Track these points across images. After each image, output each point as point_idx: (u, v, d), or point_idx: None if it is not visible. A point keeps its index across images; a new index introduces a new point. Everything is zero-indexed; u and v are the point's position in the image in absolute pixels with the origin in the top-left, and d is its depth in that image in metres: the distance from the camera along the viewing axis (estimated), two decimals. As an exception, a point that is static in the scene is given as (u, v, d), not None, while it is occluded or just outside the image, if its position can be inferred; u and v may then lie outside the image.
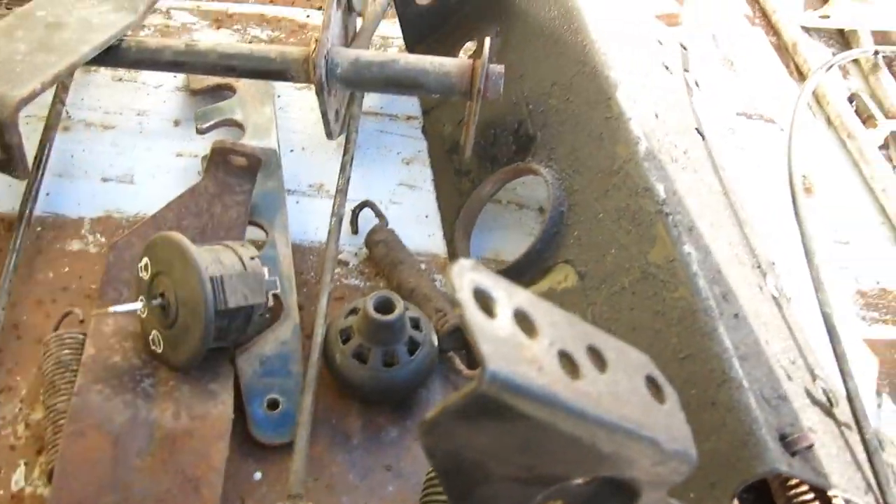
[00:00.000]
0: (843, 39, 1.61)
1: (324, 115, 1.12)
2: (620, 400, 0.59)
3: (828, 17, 1.62)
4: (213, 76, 1.17)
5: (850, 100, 1.46)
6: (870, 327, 1.16)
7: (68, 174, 1.14)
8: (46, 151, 1.13)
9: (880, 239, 1.28)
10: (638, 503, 0.66)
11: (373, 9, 1.35)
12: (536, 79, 1.16)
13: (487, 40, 1.08)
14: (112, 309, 0.88)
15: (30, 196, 1.07)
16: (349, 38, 1.22)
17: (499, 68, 1.08)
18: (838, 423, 0.90)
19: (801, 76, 1.51)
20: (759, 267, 1.02)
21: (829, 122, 1.44)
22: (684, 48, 1.37)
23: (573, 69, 1.12)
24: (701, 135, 1.17)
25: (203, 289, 0.84)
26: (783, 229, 1.14)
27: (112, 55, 1.09)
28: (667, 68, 1.26)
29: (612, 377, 0.60)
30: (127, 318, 0.92)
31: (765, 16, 1.64)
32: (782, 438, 0.79)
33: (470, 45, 1.31)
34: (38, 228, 1.07)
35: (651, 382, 0.64)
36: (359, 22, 1.27)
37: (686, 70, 1.34)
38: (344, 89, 1.13)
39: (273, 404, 0.93)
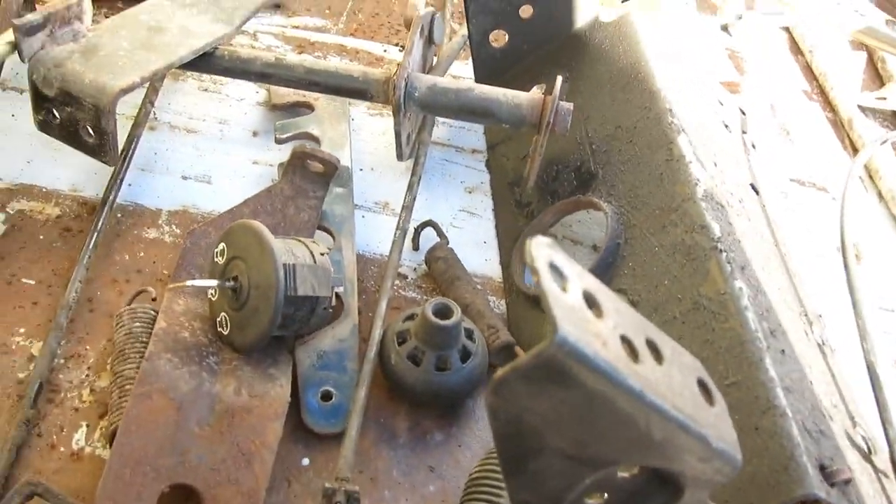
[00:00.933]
0: (897, 121, 1.65)
1: (397, 136, 1.18)
2: (675, 392, 0.62)
3: (884, 98, 1.67)
4: (295, 91, 1.23)
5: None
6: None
7: (150, 169, 1.20)
8: (133, 145, 1.19)
9: (925, 310, 1.30)
10: (680, 502, 0.68)
11: (449, 46, 1.42)
12: (601, 121, 1.21)
13: (559, 79, 1.14)
14: (189, 282, 0.92)
15: (114, 184, 1.13)
16: (426, 69, 1.28)
17: (568, 105, 1.13)
18: (876, 470, 0.92)
19: (854, 151, 1.55)
20: (805, 315, 1.05)
21: (880, 196, 1.47)
22: (743, 112, 1.42)
23: (638, 114, 1.17)
24: (756, 190, 1.21)
25: (276, 274, 0.89)
26: (829, 289, 1.17)
27: (206, 61, 1.16)
28: (726, 126, 1.31)
29: (668, 370, 0.63)
30: (197, 299, 0.97)
31: (822, 92, 1.68)
32: (822, 468, 0.80)
33: (537, 88, 1.37)
34: (119, 215, 1.13)
35: (702, 385, 0.67)
36: (434, 59, 1.34)
37: (744, 132, 1.38)
38: (419, 112, 1.19)
39: (327, 396, 0.96)
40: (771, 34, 1.80)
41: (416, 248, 1.18)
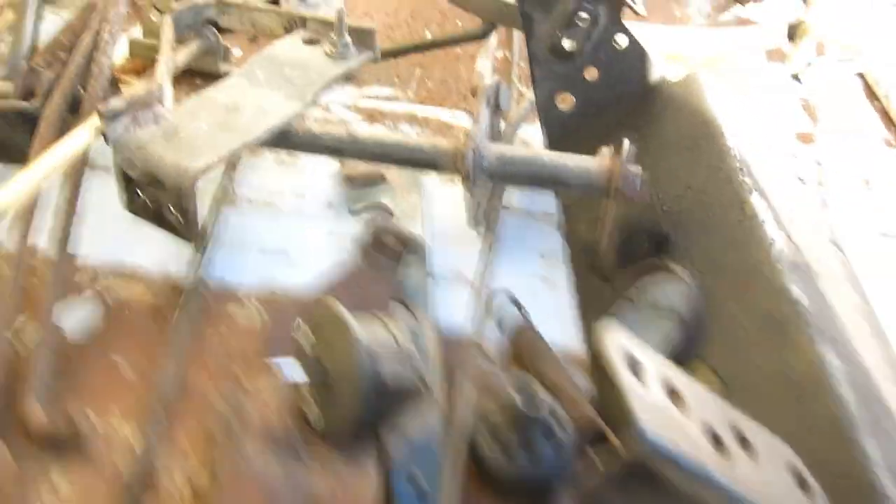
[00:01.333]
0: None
1: (468, 204, 1.19)
2: (769, 487, 0.61)
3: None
4: (367, 163, 1.25)
5: None
6: None
7: (232, 244, 1.24)
8: (214, 222, 1.23)
9: None
10: None
11: (517, 111, 1.43)
12: (671, 182, 1.21)
13: (626, 141, 1.13)
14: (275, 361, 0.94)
15: (199, 263, 1.16)
16: (494, 136, 1.29)
17: (636, 169, 1.13)
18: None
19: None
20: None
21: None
22: (818, 164, 1.39)
23: (707, 173, 1.17)
24: (838, 247, 1.18)
25: (361, 364, 0.89)
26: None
27: (280, 138, 1.19)
28: (801, 180, 1.29)
29: (759, 462, 0.62)
30: (285, 386, 0.98)
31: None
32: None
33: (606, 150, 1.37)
34: (203, 292, 1.15)
35: (796, 475, 0.65)
36: (503, 124, 1.35)
37: (820, 184, 1.36)
38: (489, 181, 1.20)
39: (415, 483, 0.96)
40: (845, 80, 1.77)
41: (493, 321, 1.17)
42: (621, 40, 1.33)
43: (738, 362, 0.98)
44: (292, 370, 0.96)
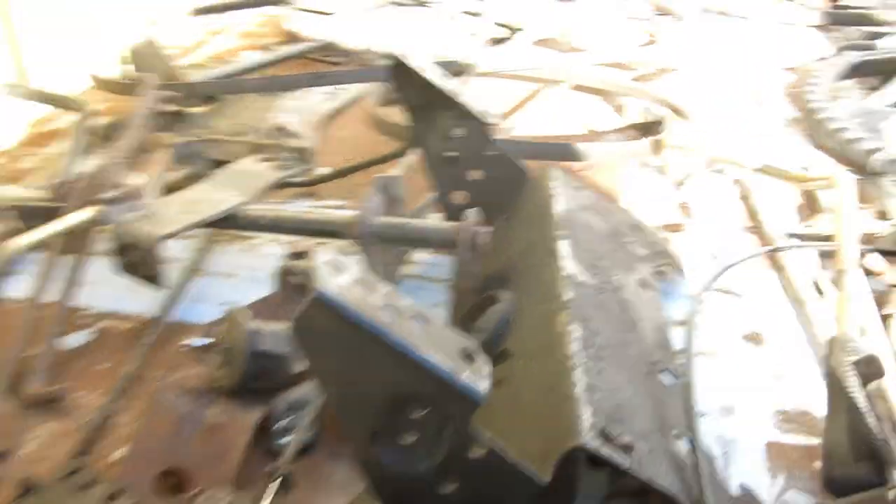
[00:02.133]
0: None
1: (367, 265, 1.62)
2: (435, 344, 0.98)
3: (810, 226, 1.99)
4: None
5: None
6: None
7: (197, 300, 1.69)
8: (185, 284, 1.69)
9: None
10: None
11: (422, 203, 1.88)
12: (519, 241, 1.62)
13: (471, 211, 1.56)
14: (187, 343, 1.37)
15: (168, 306, 1.61)
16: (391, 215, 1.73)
17: (476, 228, 1.55)
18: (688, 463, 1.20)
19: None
20: (653, 364, 1.37)
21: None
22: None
23: (539, 232, 1.58)
24: (643, 286, 1.56)
25: (247, 337, 1.32)
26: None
27: (230, 219, 1.66)
28: (627, 248, 1.68)
29: (431, 332, 1.00)
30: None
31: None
32: (604, 434, 1.11)
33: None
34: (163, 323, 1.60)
35: (466, 352, 1.02)
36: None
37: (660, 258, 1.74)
38: (377, 243, 1.63)
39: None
40: (722, 187, 2.17)
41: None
42: (491, 150, 1.78)
43: (523, 340, 1.35)
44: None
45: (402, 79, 1.70)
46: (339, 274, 0.98)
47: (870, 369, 1.23)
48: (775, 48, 3.07)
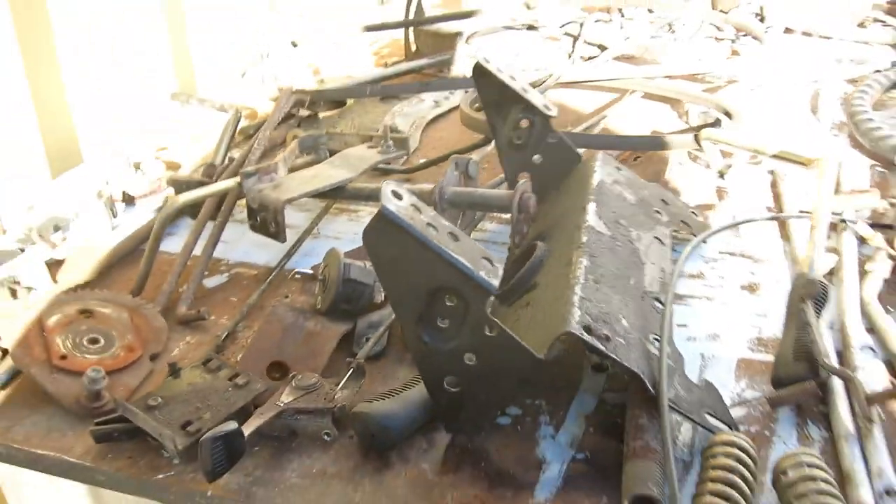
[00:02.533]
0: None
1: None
2: (467, 254, 1.39)
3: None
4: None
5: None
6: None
7: (305, 254, 2.14)
8: (300, 242, 2.15)
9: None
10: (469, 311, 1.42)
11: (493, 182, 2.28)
12: (560, 207, 2.00)
13: (524, 180, 1.96)
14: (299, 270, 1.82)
15: (286, 256, 2.08)
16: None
17: (528, 196, 1.94)
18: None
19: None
20: (650, 295, 1.72)
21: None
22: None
23: (576, 196, 1.96)
24: (660, 241, 1.91)
25: (339, 268, 1.75)
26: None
27: (339, 190, 2.11)
28: (658, 213, 2.04)
29: (464, 245, 1.40)
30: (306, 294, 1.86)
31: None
32: (587, 328, 1.47)
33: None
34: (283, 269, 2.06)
35: (488, 259, 1.42)
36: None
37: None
38: (450, 208, 2.04)
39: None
40: (757, 176, 2.48)
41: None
42: (551, 138, 2.17)
43: (547, 273, 1.73)
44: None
45: (482, 79, 2.12)
46: (399, 199, 1.40)
47: (812, 289, 1.56)
48: (845, 63, 3.32)
